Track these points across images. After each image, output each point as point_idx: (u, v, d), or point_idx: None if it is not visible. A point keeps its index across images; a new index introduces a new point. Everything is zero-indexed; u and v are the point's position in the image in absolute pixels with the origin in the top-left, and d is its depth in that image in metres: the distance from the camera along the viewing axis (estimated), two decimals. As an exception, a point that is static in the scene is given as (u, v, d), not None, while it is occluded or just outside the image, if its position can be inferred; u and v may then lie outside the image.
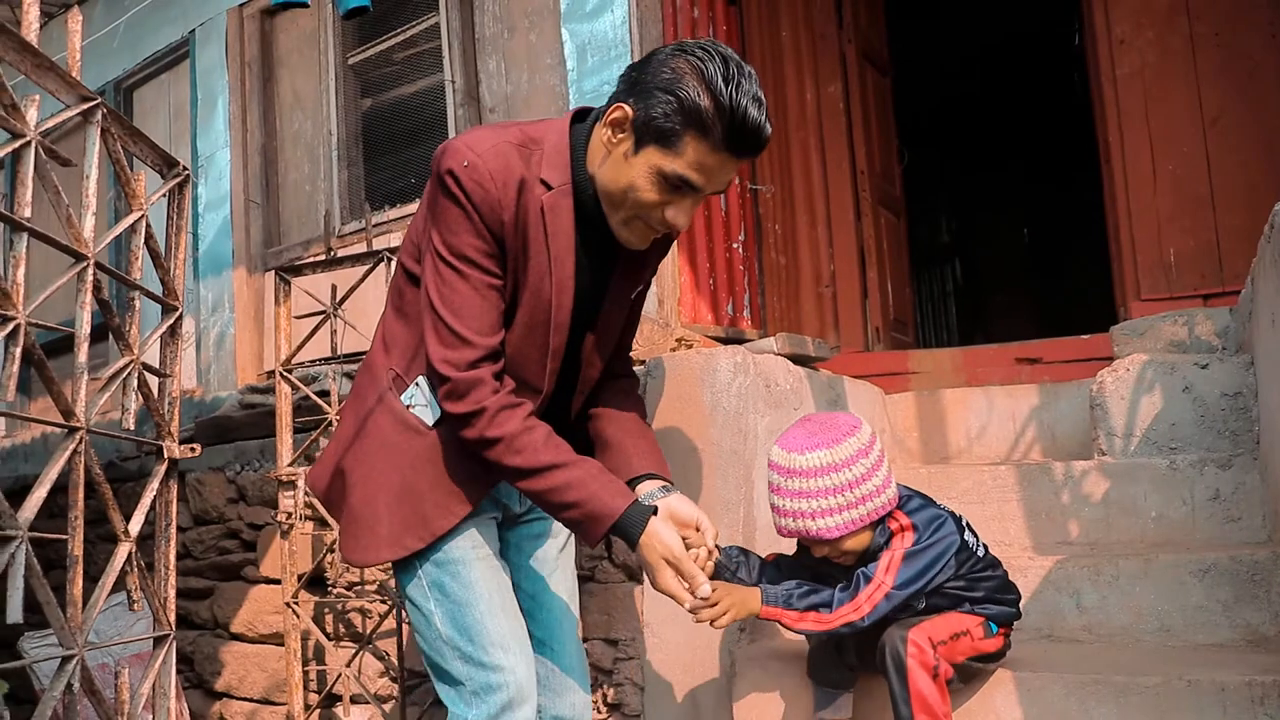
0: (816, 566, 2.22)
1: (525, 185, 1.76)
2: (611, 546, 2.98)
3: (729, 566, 2.20)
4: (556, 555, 2.12)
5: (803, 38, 5.14)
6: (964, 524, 2.22)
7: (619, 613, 2.94)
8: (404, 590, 1.91)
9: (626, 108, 1.73)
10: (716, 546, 2.01)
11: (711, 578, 1.99)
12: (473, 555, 1.87)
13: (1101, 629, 2.58)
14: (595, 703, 2.97)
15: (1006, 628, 2.27)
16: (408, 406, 1.86)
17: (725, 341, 3.82)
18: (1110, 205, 4.29)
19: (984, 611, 2.21)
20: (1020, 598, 2.30)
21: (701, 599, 1.88)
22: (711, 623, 1.97)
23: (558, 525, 2.09)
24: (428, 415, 1.85)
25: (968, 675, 2.22)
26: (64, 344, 3.09)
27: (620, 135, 1.75)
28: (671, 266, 3.73)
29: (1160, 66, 4.14)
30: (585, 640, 2.98)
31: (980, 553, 2.23)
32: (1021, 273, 9.71)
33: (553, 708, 2.04)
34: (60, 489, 1.98)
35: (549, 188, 1.78)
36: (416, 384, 1.86)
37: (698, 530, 1.94)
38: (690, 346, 3.41)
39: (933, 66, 8.21)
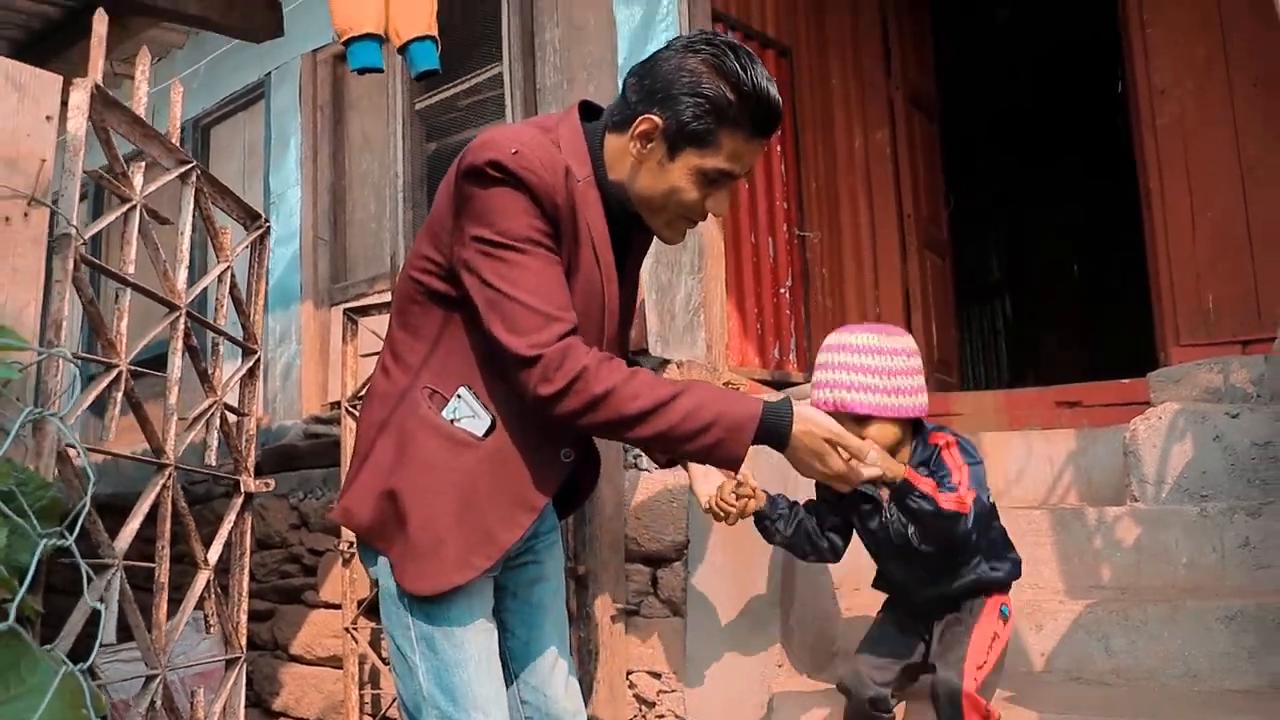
0: (845, 513, 2.43)
1: (569, 173, 1.74)
2: (658, 583, 3.11)
3: (770, 515, 2.42)
4: (550, 599, 2.03)
5: (852, 86, 5.29)
6: None
7: (662, 646, 3.07)
8: (389, 628, 1.82)
9: (654, 118, 1.74)
10: (765, 492, 2.28)
11: (758, 520, 2.38)
12: (467, 615, 1.78)
13: (1129, 673, 2.66)
14: (640, 731, 3.10)
15: (1009, 596, 2.40)
16: (452, 421, 1.76)
17: (771, 385, 3.95)
18: (1151, 252, 4.36)
19: (994, 573, 2.35)
20: (1019, 557, 2.43)
21: (871, 466, 1.87)
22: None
23: (551, 569, 2.03)
24: (477, 426, 1.75)
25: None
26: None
27: (650, 145, 1.76)
28: (720, 311, 3.87)
29: (1199, 116, 4.22)
30: (630, 673, 3.11)
31: (989, 499, 2.37)
32: (1072, 309, 9.71)
33: None
34: (132, 510, 2.15)
35: (576, 180, 1.76)
36: (458, 396, 1.76)
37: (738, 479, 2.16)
38: (738, 390, 3.54)
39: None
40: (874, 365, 2.24)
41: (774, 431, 1.75)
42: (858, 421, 2.23)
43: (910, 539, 2.30)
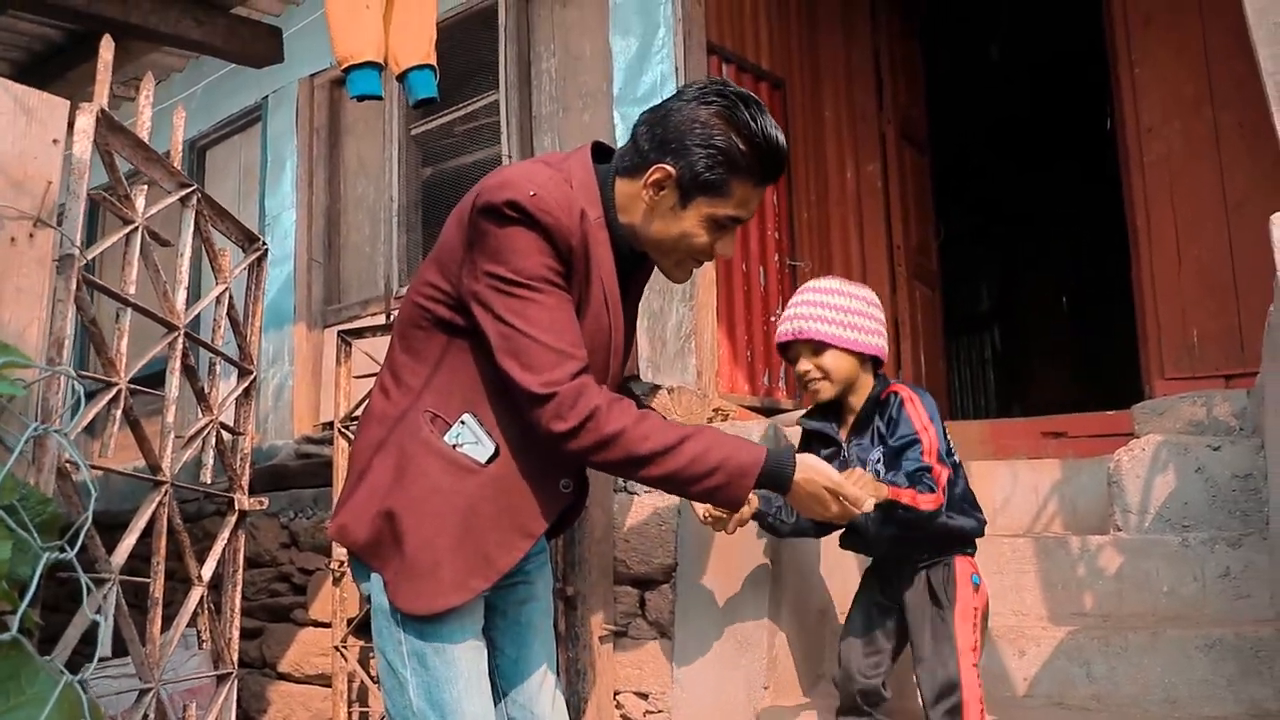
0: None
1: (584, 215, 1.78)
2: (645, 605, 3.14)
3: (770, 513, 2.49)
4: (540, 618, 2.06)
5: (844, 118, 5.37)
6: None
7: (649, 667, 3.10)
8: (380, 643, 1.85)
9: (668, 167, 1.80)
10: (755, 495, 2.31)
11: (761, 522, 2.47)
12: (459, 633, 1.81)
13: (1110, 699, 2.69)
14: (626, 753, 3.12)
15: (975, 561, 2.47)
16: (454, 446, 1.78)
17: (760, 411, 3.99)
18: (1137, 286, 4.42)
19: (954, 522, 2.39)
20: (985, 519, 2.50)
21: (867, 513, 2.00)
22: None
23: (540, 588, 2.07)
24: (479, 452, 1.78)
25: None
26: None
27: (663, 192, 1.82)
28: (710, 339, 3.92)
29: (1186, 154, 4.28)
30: (618, 693, 3.14)
31: (956, 455, 2.46)
32: (1060, 339, 9.79)
33: None
34: (122, 526, 2.17)
35: (589, 220, 1.81)
36: (462, 422, 1.79)
37: None
38: (726, 417, 3.59)
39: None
40: (834, 303, 2.39)
41: (776, 477, 1.85)
42: (814, 350, 2.37)
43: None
